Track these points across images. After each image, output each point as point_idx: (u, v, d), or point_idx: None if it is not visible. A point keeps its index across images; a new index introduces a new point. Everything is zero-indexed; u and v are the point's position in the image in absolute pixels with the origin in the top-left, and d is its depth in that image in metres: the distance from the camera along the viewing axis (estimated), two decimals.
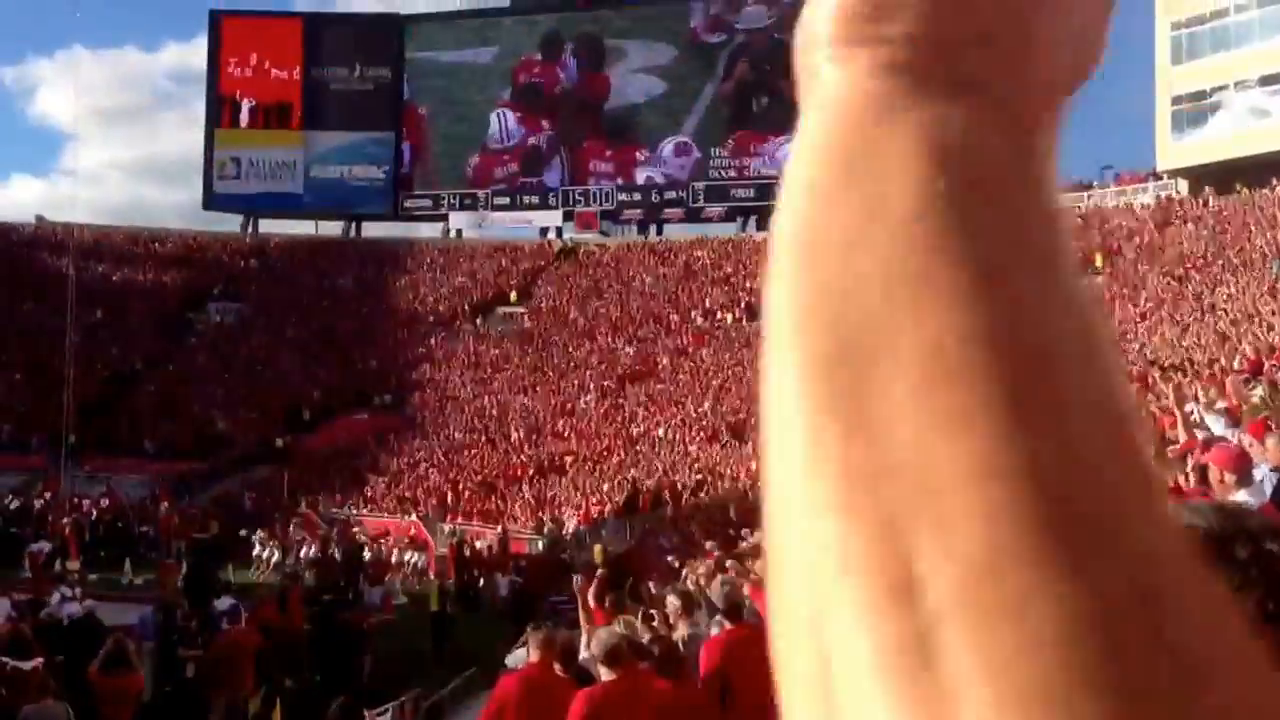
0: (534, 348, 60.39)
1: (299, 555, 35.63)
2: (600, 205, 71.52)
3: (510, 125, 74.31)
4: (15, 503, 43.33)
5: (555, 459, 46.82)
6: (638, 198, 71.28)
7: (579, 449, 47.34)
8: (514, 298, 66.33)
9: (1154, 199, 53.83)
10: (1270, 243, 41.92)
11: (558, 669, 8.79)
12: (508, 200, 73.51)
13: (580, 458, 46.26)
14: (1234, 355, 25.80)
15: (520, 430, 51.01)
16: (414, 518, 41.71)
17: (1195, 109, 51.76)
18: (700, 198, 69.81)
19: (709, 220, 70.42)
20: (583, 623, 10.47)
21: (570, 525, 37.78)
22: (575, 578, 13.32)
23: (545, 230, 72.78)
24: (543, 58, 74.27)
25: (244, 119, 75.93)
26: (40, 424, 52.00)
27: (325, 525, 39.87)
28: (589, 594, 11.80)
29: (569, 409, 52.53)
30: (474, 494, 44.38)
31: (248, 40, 75.74)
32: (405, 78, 76.06)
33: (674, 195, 70.49)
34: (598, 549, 31.71)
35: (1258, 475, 7.69)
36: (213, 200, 76.25)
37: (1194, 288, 40.25)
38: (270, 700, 18.24)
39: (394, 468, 49.80)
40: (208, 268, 71.98)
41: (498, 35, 75.40)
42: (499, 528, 37.83)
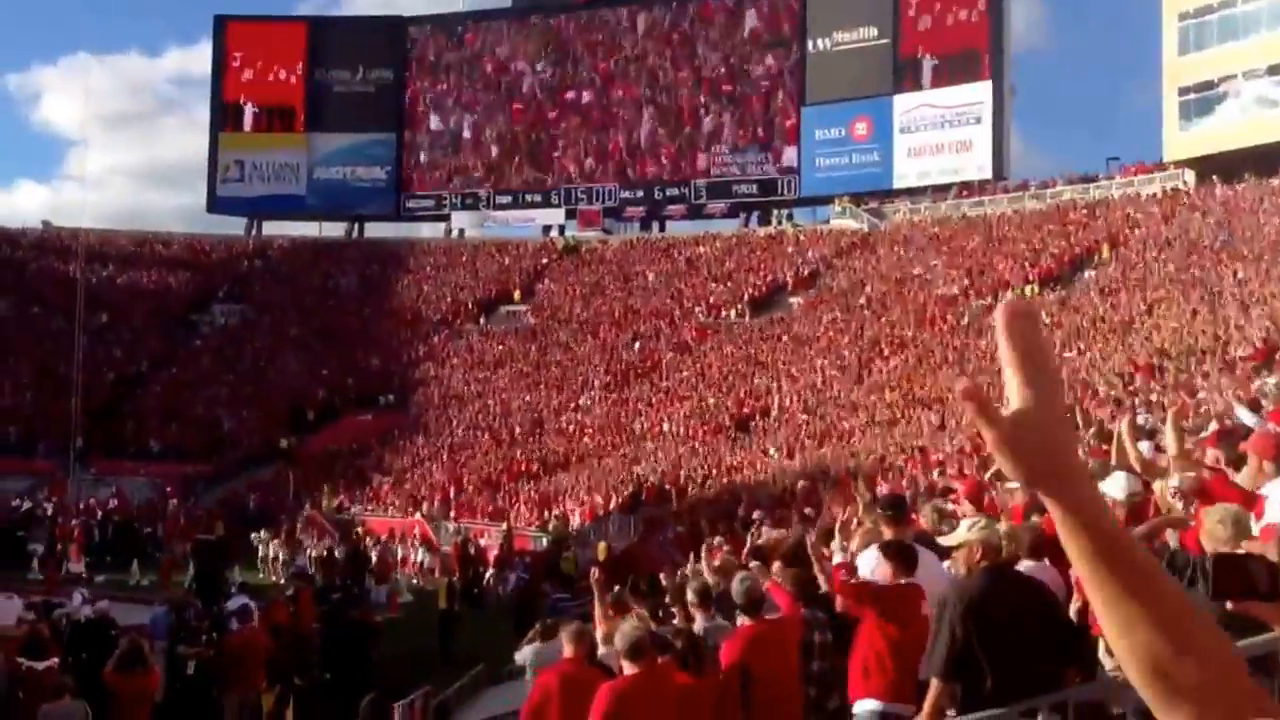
0: (537, 345, 60.38)
1: (305, 555, 35.60)
2: (602, 203, 71.48)
3: (512, 124, 74.31)
4: (24, 505, 43.34)
5: (559, 456, 46.84)
6: (640, 195, 71.22)
7: (582, 445, 47.34)
8: (517, 296, 66.31)
9: (1160, 189, 53.77)
10: (1278, 232, 41.76)
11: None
12: (510, 199, 73.50)
13: (584, 454, 46.26)
14: (1240, 344, 25.77)
15: (523, 427, 51.02)
16: (419, 516, 41.70)
17: (1202, 99, 51.64)
18: (702, 194, 69.76)
19: (711, 216, 70.44)
20: (597, 618, 10.38)
21: (575, 522, 37.79)
22: (593, 570, 13.27)
23: (548, 228, 72.74)
24: (544, 57, 74.25)
25: (248, 122, 76.01)
26: (47, 427, 52.12)
27: (330, 525, 39.85)
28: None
29: (572, 406, 52.52)
30: (478, 492, 44.40)
31: (252, 44, 75.83)
32: (407, 78, 76.07)
33: (676, 192, 70.43)
34: (602, 545, 31.72)
35: None
36: (216, 203, 76.31)
37: (1201, 277, 40.16)
38: (283, 699, 18.26)
39: (398, 467, 49.82)
40: (212, 270, 72.01)
41: (498, 35, 75.42)
42: (503, 525, 37.82)
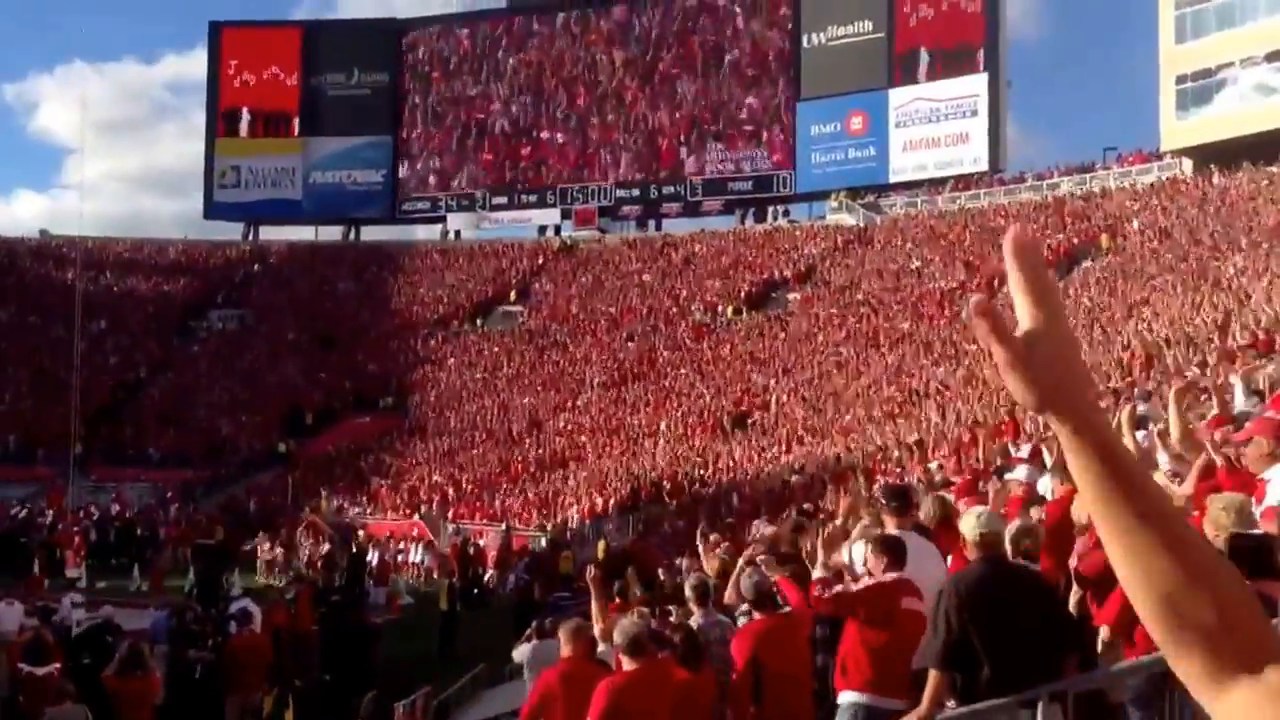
0: (534, 346, 60.36)
1: (305, 558, 35.60)
2: (598, 202, 71.42)
3: (507, 125, 74.25)
4: (22, 512, 43.39)
5: (557, 455, 46.82)
6: (635, 193, 71.15)
7: (580, 445, 47.31)
8: (513, 296, 66.27)
9: (1157, 179, 53.74)
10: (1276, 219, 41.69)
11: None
12: (505, 200, 73.43)
13: (582, 454, 46.24)
14: (1240, 333, 25.71)
15: (521, 428, 51.00)
16: (418, 518, 41.69)
17: (1200, 87, 51.52)
18: (698, 191, 69.69)
19: (707, 214, 70.37)
20: (595, 616, 10.35)
21: (573, 521, 37.77)
22: (589, 568, 13.28)
23: (544, 228, 72.70)
24: (538, 58, 74.18)
25: (244, 128, 75.94)
26: (46, 434, 52.15)
27: (329, 527, 39.83)
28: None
29: (570, 405, 52.51)
30: (476, 492, 44.38)
31: (247, 50, 75.79)
32: (402, 81, 76.01)
33: (671, 190, 70.37)
34: (601, 544, 31.74)
35: None
36: (213, 209, 76.23)
37: (1199, 266, 40.11)
38: (283, 701, 18.24)
39: (397, 469, 49.80)
40: (209, 276, 72.09)
41: (493, 37, 75.33)
42: (502, 526, 37.80)
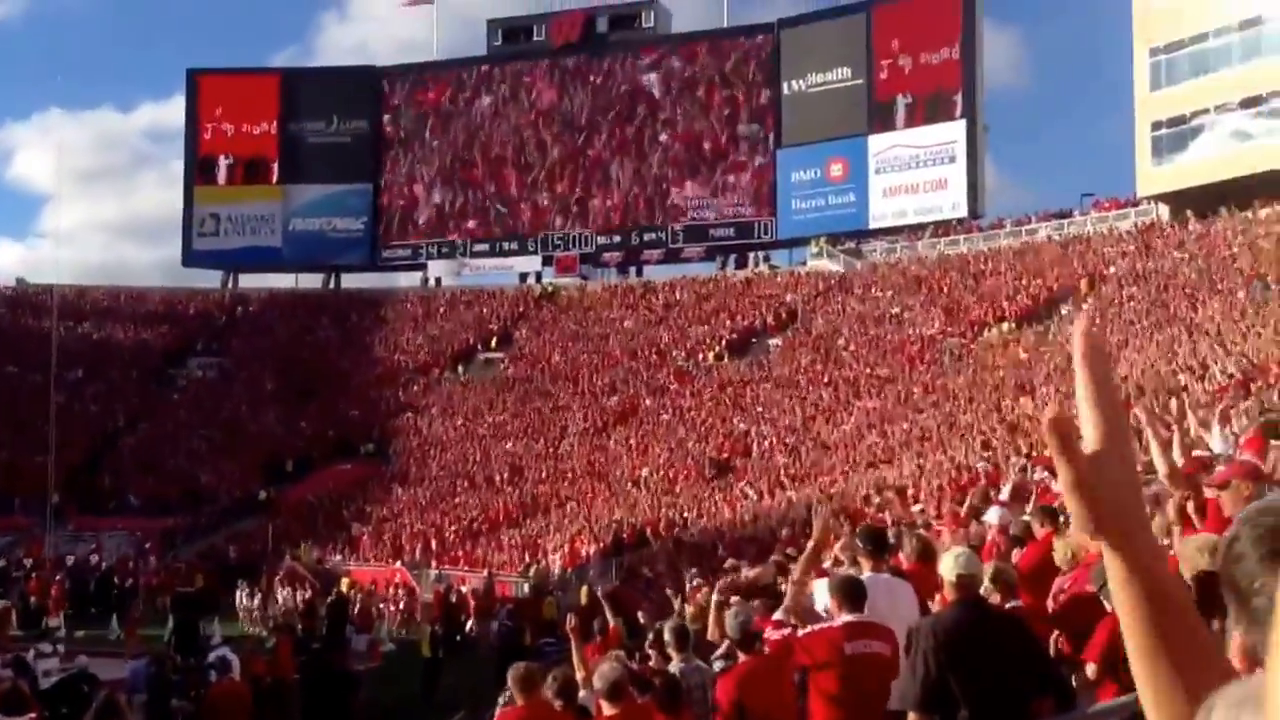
0: (515, 393, 60.33)
1: (285, 605, 35.43)
2: (579, 249, 71.60)
3: (488, 172, 74.46)
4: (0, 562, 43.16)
5: (539, 501, 46.78)
6: (617, 240, 71.36)
7: (563, 491, 47.27)
8: (494, 343, 66.31)
9: (1134, 224, 54.11)
10: (1253, 264, 42.03)
11: (559, 705, 8.74)
12: (486, 247, 73.56)
13: (564, 500, 46.20)
14: (1215, 378, 25.89)
15: (503, 474, 50.94)
16: (399, 565, 41.55)
17: (1175, 134, 51.94)
18: (679, 238, 69.92)
19: (688, 260, 70.58)
20: (576, 665, 10.36)
21: (556, 568, 37.68)
22: (569, 616, 13.36)
23: (525, 276, 72.83)
24: (519, 105, 74.51)
25: (222, 175, 75.96)
26: (24, 483, 51.75)
27: (310, 575, 39.66)
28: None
29: (552, 452, 52.49)
30: (459, 539, 44.30)
31: (225, 98, 75.82)
32: (382, 128, 76.21)
33: (653, 236, 70.60)
34: (584, 590, 31.60)
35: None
36: (192, 257, 76.09)
37: (1177, 311, 40.38)
38: None
39: (378, 516, 49.66)
40: (188, 324, 71.97)
41: (473, 83, 75.63)
42: (485, 572, 37.70)
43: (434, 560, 42.14)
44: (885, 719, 7.10)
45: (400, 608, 36.83)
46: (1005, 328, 49.05)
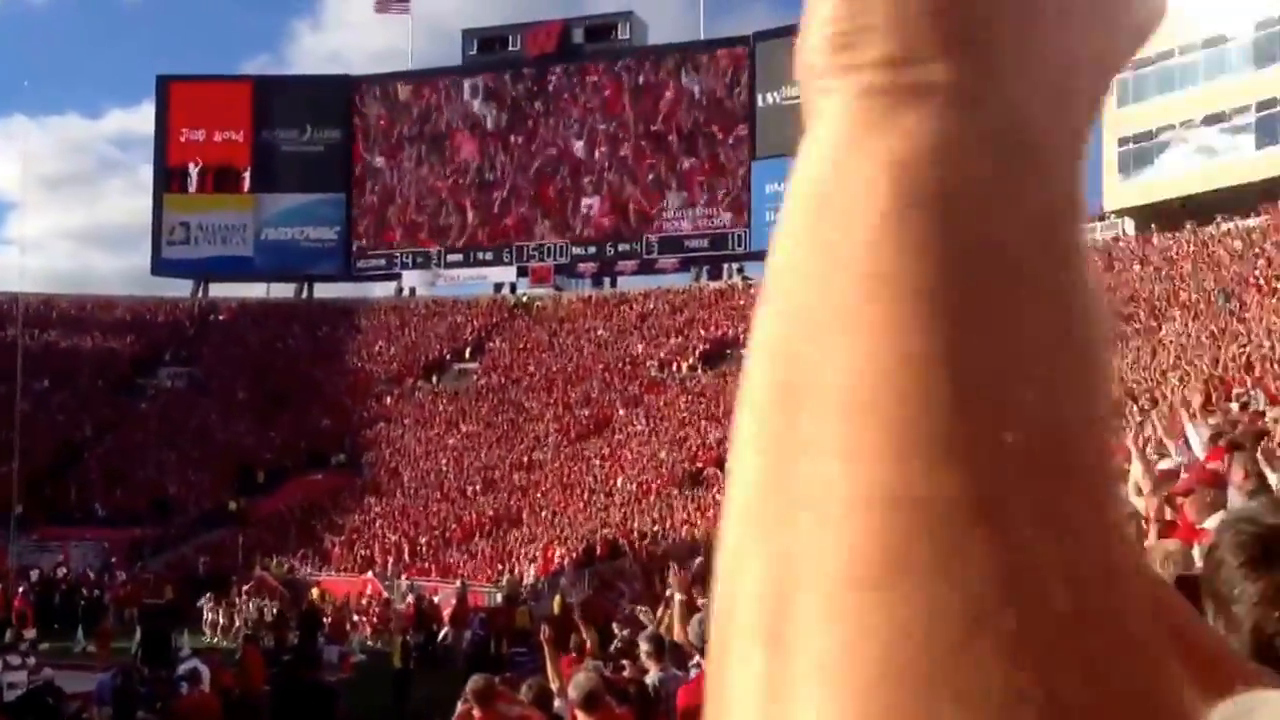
0: (489, 403, 60.32)
1: (255, 617, 35.29)
2: (554, 260, 71.63)
3: (462, 182, 74.45)
4: None
5: (512, 511, 46.76)
6: (591, 251, 71.43)
7: (536, 501, 47.27)
8: (468, 354, 66.27)
9: (1100, 238, 54.46)
10: (1217, 279, 42.45)
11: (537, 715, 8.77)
12: (461, 257, 73.52)
13: (538, 509, 46.20)
14: (1183, 390, 26.06)
15: (477, 484, 50.90)
16: (371, 575, 41.45)
17: (1141, 149, 52.50)
18: (654, 249, 70.01)
19: (662, 271, 70.62)
20: (550, 676, 10.35)
21: (529, 577, 37.67)
22: (542, 626, 13.30)
23: (499, 286, 72.81)
24: (493, 115, 74.55)
25: (193, 183, 75.64)
26: None
27: (281, 586, 39.54)
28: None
29: (525, 462, 52.45)
30: (431, 549, 44.24)
31: (196, 105, 75.49)
32: (356, 138, 76.10)
33: (627, 247, 70.68)
34: (557, 600, 31.57)
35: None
36: (161, 265, 75.76)
37: (1141, 325, 40.65)
38: None
39: (350, 526, 49.54)
40: (157, 333, 71.59)
41: (448, 93, 75.64)
42: (457, 582, 37.66)
43: (406, 570, 42.08)
44: None
45: (374, 618, 36.76)
46: None
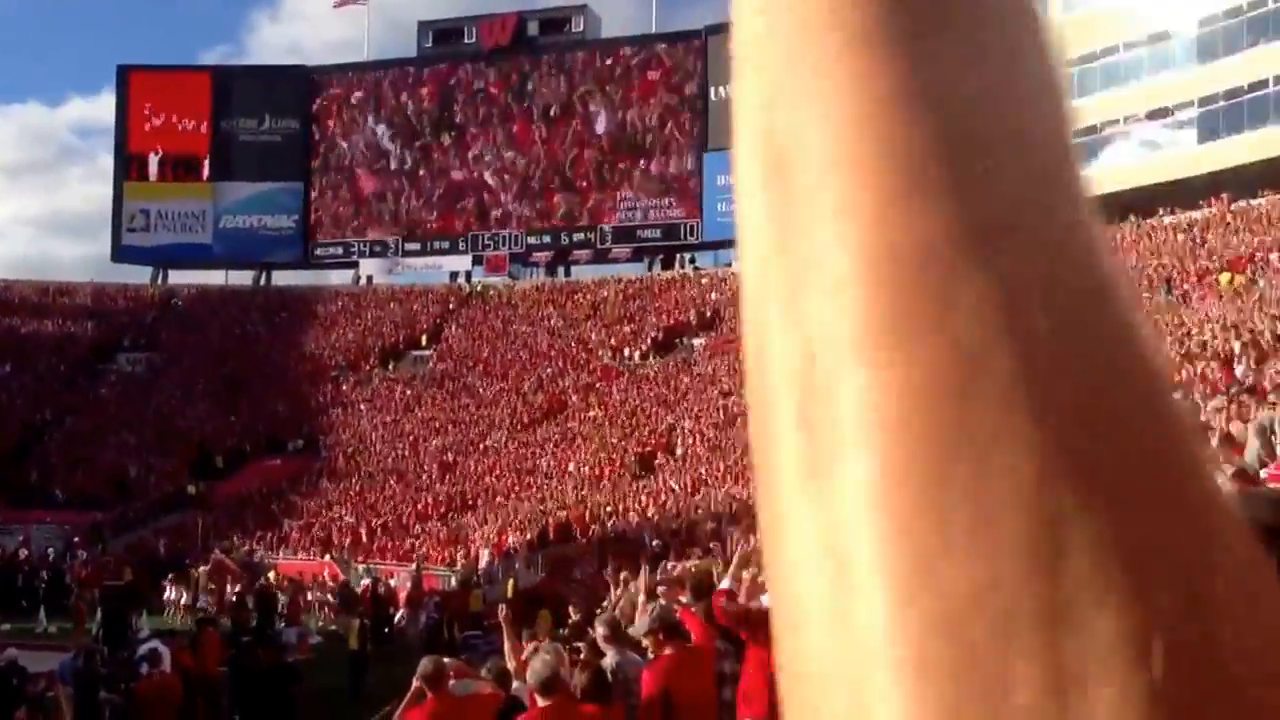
0: (444, 389, 60.98)
1: (213, 599, 35.86)
2: (509, 249, 72.29)
3: (419, 171, 74.96)
4: None
5: (467, 496, 47.43)
6: (546, 240, 72.12)
7: (490, 486, 47.96)
8: (424, 341, 66.87)
9: None
10: (1160, 270, 43.48)
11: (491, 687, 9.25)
12: (418, 246, 74.08)
13: (492, 494, 46.90)
14: None
15: (432, 469, 51.56)
16: (328, 558, 42.07)
17: (1086, 143, 53.53)
18: (608, 239, 70.78)
19: (616, 261, 71.44)
20: (507, 655, 10.65)
21: (483, 561, 38.38)
22: (501, 608, 13.49)
23: (455, 275, 73.39)
24: (450, 106, 75.07)
25: (153, 172, 75.86)
26: None
27: (239, 569, 40.10)
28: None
29: (480, 447, 53.12)
30: (387, 533, 44.84)
31: (157, 94, 75.75)
32: (314, 127, 76.48)
33: (582, 237, 71.42)
34: (510, 583, 32.38)
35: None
36: (121, 253, 76.01)
37: None
38: None
39: (308, 510, 50.07)
40: (117, 318, 71.82)
41: (405, 84, 76.12)
42: (413, 565, 38.31)
43: (362, 554, 42.69)
44: None
45: (332, 600, 37.27)
46: None
